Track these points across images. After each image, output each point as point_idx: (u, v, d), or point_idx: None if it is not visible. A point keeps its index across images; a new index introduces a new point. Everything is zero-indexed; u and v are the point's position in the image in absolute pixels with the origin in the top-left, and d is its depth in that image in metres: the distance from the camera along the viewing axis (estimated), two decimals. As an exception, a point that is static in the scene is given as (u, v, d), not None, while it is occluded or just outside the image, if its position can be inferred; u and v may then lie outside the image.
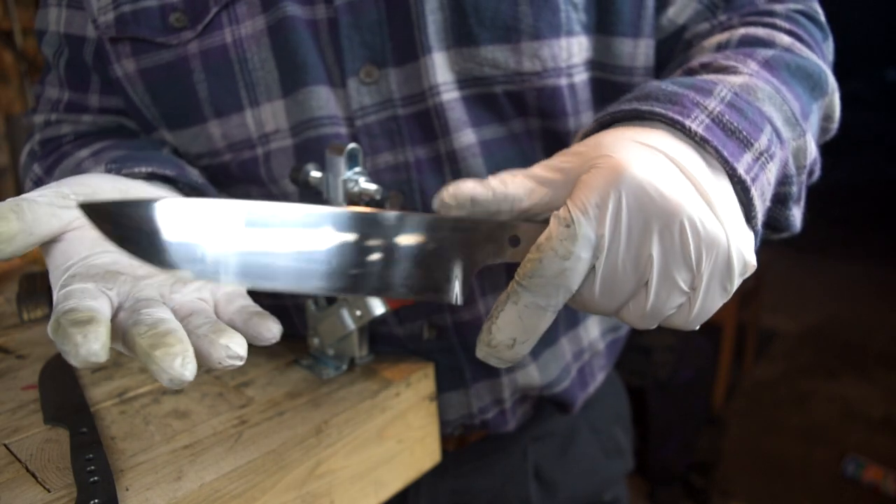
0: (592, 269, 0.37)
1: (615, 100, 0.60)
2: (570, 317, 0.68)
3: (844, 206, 4.76)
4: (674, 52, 0.62)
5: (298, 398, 0.55)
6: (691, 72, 0.50)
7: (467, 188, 0.40)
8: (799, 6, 0.60)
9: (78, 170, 0.56)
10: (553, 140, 0.61)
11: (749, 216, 0.40)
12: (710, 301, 0.37)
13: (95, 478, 0.43)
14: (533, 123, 0.60)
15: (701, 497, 2.20)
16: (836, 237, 4.43)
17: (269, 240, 0.37)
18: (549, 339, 0.66)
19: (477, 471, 0.71)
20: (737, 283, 0.37)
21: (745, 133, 0.40)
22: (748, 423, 2.60)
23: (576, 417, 0.76)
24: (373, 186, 0.53)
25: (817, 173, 0.53)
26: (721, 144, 0.39)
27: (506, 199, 0.40)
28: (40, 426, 0.51)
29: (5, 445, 0.48)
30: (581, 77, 0.59)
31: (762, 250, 0.41)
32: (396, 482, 0.59)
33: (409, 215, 0.39)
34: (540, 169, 0.41)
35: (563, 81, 0.58)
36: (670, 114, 0.40)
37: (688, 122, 0.39)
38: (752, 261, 0.38)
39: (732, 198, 0.39)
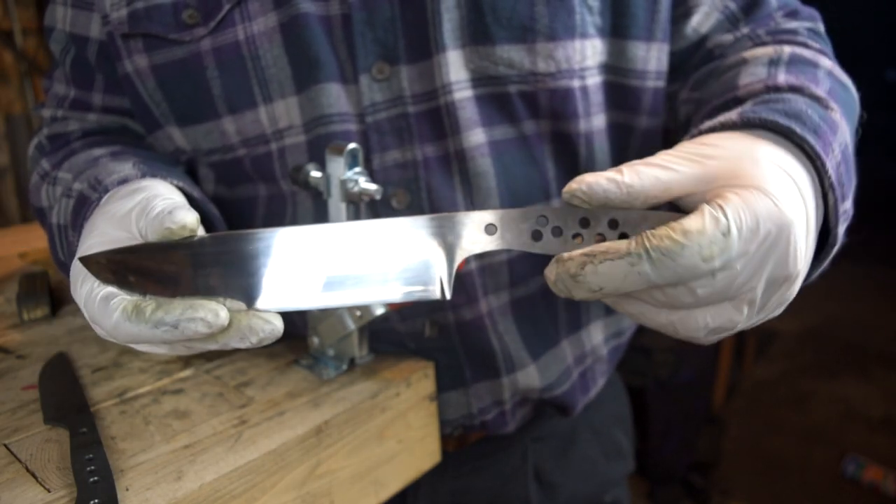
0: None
1: (627, 104, 0.61)
2: (572, 320, 0.68)
3: (844, 206, 4.75)
4: (692, 59, 0.64)
5: (298, 398, 0.55)
6: (778, 90, 0.50)
7: (601, 186, 0.38)
8: (809, 25, 0.62)
9: (95, 164, 0.56)
10: (562, 143, 0.61)
11: (825, 258, 0.44)
12: (767, 315, 0.41)
13: (95, 478, 0.43)
14: (543, 126, 0.60)
15: (701, 497, 2.20)
16: (836, 237, 4.43)
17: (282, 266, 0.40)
18: (549, 341, 0.66)
19: (477, 471, 0.71)
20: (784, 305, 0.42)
21: (845, 188, 0.44)
22: (748, 423, 2.60)
23: (576, 419, 0.76)
24: (373, 186, 0.53)
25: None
26: (839, 195, 0.43)
27: (639, 196, 0.39)
28: (40, 426, 0.51)
29: (5, 445, 0.48)
30: (594, 80, 0.60)
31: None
32: (396, 482, 0.59)
33: (381, 221, 0.40)
34: (673, 158, 0.40)
35: (576, 83, 0.58)
36: (818, 149, 0.42)
37: (828, 164, 0.42)
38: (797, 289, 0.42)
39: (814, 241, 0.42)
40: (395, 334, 0.63)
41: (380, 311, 0.56)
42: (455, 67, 0.56)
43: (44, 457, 0.47)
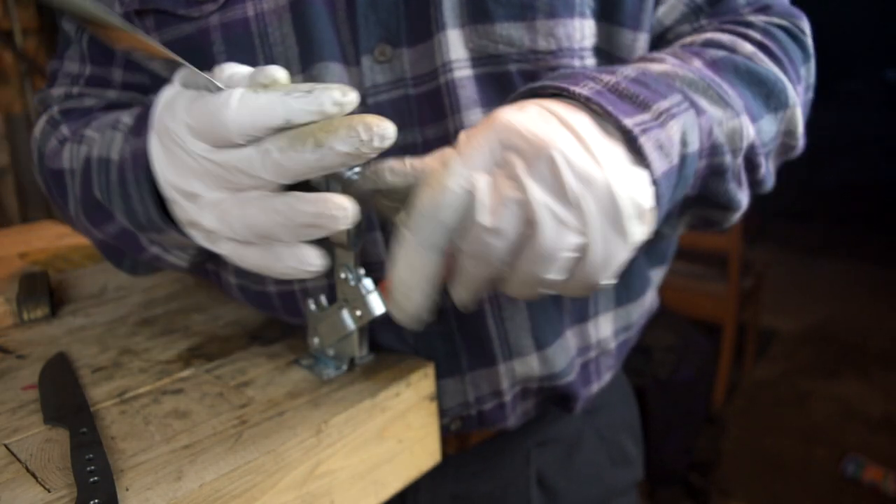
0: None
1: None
2: (579, 311, 0.67)
3: (844, 206, 4.75)
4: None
5: (298, 398, 0.55)
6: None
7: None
8: (783, 22, 0.60)
9: (118, 122, 0.56)
10: None
11: (644, 164, 0.40)
12: (610, 246, 0.37)
13: (95, 478, 0.43)
14: None
15: (701, 497, 2.20)
16: (836, 237, 4.43)
17: None
18: (553, 330, 0.65)
19: (478, 475, 0.71)
20: (633, 226, 0.37)
21: (642, 97, 0.42)
22: (748, 423, 2.60)
23: (582, 423, 0.75)
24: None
25: (763, 170, 0.54)
26: (608, 102, 0.40)
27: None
28: (40, 426, 0.51)
29: (5, 445, 0.48)
30: (590, 61, 0.60)
31: (763, 250, 0.42)
32: (396, 482, 0.59)
33: None
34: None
35: (576, 62, 0.58)
36: (558, 83, 0.42)
37: (573, 88, 0.41)
38: (645, 202, 0.37)
39: (619, 149, 0.39)
40: (394, 324, 0.63)
41: (379, 310, 0.56)
42: (455, 46, 0.56)
43: (44, 457, 0.47)
